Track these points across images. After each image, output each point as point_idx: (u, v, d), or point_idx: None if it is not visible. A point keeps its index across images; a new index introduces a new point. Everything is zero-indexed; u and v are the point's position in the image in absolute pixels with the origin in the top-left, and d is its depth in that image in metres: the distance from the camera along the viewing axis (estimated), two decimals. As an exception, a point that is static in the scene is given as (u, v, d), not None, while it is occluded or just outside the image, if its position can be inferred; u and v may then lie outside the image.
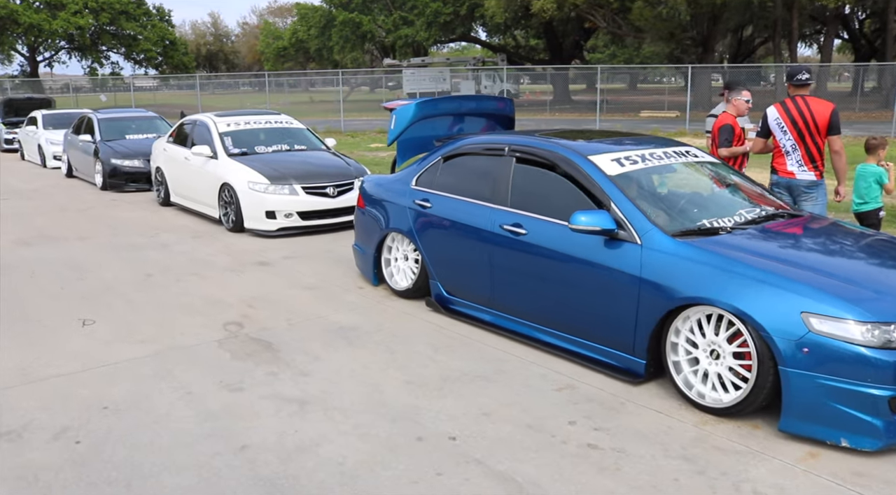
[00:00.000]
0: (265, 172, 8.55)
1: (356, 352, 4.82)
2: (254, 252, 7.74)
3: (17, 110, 21.43)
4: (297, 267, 7.08)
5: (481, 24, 44.90)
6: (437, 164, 5.72)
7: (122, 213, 10.40)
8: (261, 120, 10.03)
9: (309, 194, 8.46)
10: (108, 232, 9.03)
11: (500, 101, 6.67)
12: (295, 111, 33.04)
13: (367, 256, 6.29)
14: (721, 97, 7.71)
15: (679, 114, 35.64)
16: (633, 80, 74.37)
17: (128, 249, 7.99)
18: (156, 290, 6.34)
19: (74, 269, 7.12)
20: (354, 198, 8.69)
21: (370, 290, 6.24)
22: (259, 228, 8.47)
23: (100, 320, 5.55)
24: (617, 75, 64.77)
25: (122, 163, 12.58)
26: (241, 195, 8.49)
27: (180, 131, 10.52)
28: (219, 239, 8.46)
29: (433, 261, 5.58)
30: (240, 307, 5.81)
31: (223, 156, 9.13)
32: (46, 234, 8.94)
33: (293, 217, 8.40)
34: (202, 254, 7.69)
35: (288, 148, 9.66)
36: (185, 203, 10.24)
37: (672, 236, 4.18)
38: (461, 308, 5.42)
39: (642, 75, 70.27)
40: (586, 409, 3.97)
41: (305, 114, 37.57)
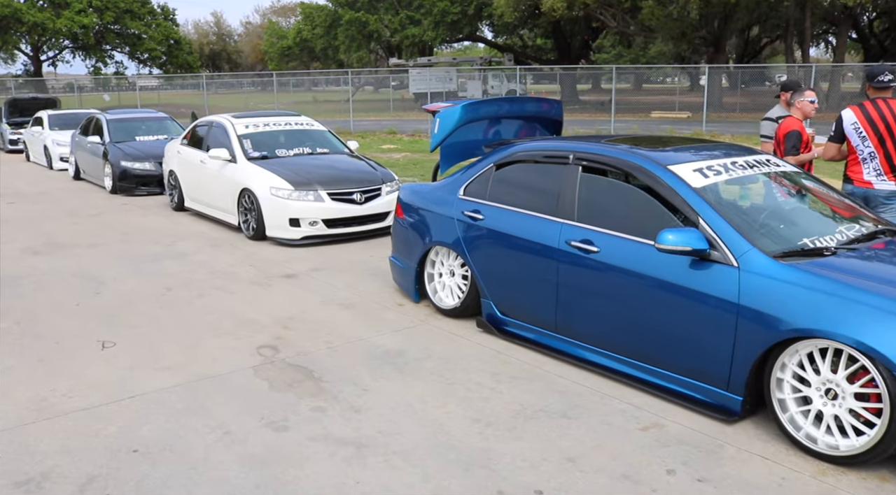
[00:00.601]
0: (288, 177, 8.07)
1: (409, 381, 4.34)
2: (279, 263, 7.26)
3: (21, 110, 20.97)
4: (328, 280, 6.60)
5: (489, 23, 44.38)
6: (488, 173, 5.24)
7: (134, 219, 9.93)
8: (280, 121, 9.55)
9: (335, 201, 7.98)
10: (121, 239, 8.55)
11: (548, 103, 6.19)
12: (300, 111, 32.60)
13: (408, 271, 5.81)
14: (777, 99, 7.23)
15: (690, 114, 35.17)
16: (639, 80, 73.91)
17: (143, 259, 7.52)
18: (178, 307, 5.86)
19: (88, 281, 6.65)
20: (382, 204, 8.24)
21: (411, 308, 5.76)
22: (282, 237, 8.00)
23: (120, 342, 5.07)
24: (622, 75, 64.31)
25: (133, 166, 12.11)
26: (262, 201, 8.01)
27: (195, 133, 10.05)
28: (239, 247, 7.98)
29: (485, 279, 5.10)
30: (272, 327, 5.33)
31: (242, 159, 8.66)
32: (56, 242, 8.47)
33: (318, 225, 7.92)
34: (223, 265, 7.21)
35: (310, 151, 9.18)
36: (200, 208, 9.76)
37: (774, 258, 3.70)
38: (518, 330, 4.95)
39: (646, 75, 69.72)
40: (681, 454, 3.50)
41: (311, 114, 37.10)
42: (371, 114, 35.75)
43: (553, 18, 37.61)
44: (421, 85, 46.95)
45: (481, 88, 46.63)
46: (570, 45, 48.86)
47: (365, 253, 7.63)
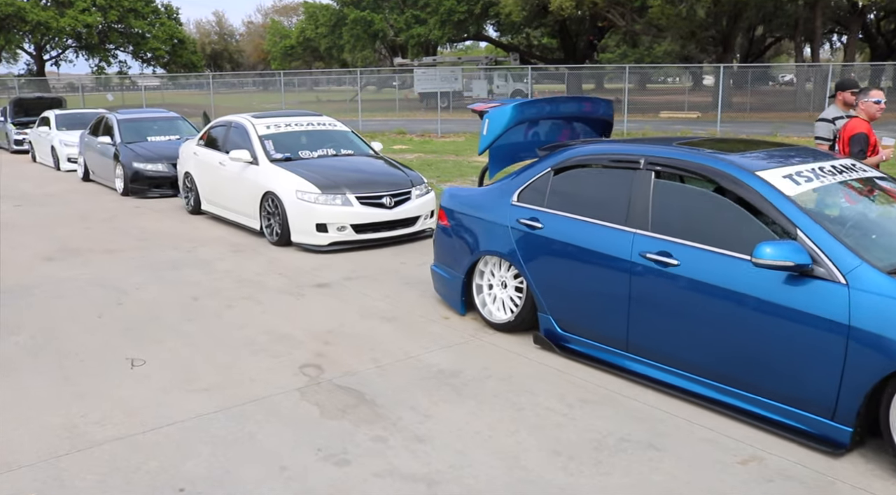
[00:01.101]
0: (315, 180, 7.71)
1: (471, 406, 3.98)
2: (308, 271, 6.89)
3: (27, 110, 20.60)
4: (363, 290, 6.23)
5: (495, 22, 44.01)
6: (545, 178, 4.87)
7: (149, 223, 9.56)
8: (302, 122, 9.18)
9: (364, 205, 7.62)
10: (138, 245, 8.19)
11: (599, 103, 5.83)
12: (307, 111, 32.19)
13: (454, 281, 5.45)
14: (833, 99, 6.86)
15: (700, 114, 34.83)
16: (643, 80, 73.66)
17: (164, 266, 7.15)
18: (207, 320, 5.50)
19: (108, 291, 6.29)
20: (411, 209, 7.89)
21: (457, 321, 5.40)
22: (308, 243, 7.63)
23: (149, 359, 4.71)
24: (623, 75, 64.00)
25: (145, 168, 11.74)
26: (287, 205, 7.65)
27: (212, 134, 9.68)
28: (263, 254, 7.61)
29: (543, 292, 4.73)
30: (311, 343, 4.96)
31: (265, 161, 8.29)
32: (70, 247, 8.11)
33: (347, 230, 7.56)
34: (249, 273, 6.84)
35: (334, 152, 8.81)
36: (218, 212, 9.40)
37: (888, 274, 3.34)
38: (582, 348, 4.58)
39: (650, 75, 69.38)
40: (789, 491, 3.14)
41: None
42: (377, 113, 35.39)
43: (561, 17, 37.25)
44: (426, 84, 46.53)
45: (487, 88, 46.32)
46: (575, 45, 48.53)
47: (396, 260, 7.27)
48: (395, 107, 40.83)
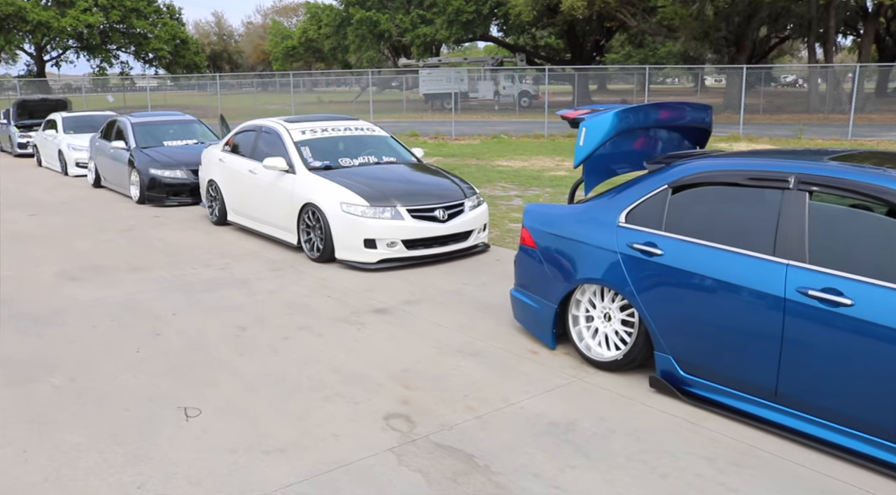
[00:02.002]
0: (361, 191, 7.05)
1: (604, 471, 3.33)
2: (360, 293, 6.24)
3: (30, 112, 19.92)
4: (430, 316, 5.58)
5: (502, 23, 43.37)
6: (660, 196, 4.23)
7: (172, 235, 8.90)
8: (339, 126, 8.52)
9: (415, 218, 6.97)
10: (166, 260, 7.53)
11: (702, 110, 5.18)
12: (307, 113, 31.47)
13: (543, 312, 4.80)
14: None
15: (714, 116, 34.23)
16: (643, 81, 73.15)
17: (199, 287, 6.50)
18: (262, 355, 4.84)
19: (143, 318, 5.63)
20: (465, 222, 7.24)
21: (548, 356, 4.75)
22: (354, 260, 6.98)
23: (206, 407, 4.05)
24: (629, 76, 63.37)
25: (163, 174, 11.08)
26: (331, 219, 6.99)
27: (240, 139, 9.02)
28: (306, 272, 6.96)
29: (662, 328, 4.09)
30: (391, 385, 4.31)
31: (303, 170, 7.63)
32: (93, 263, 7.45)
33: (397, 246, 6.91)
34: (296, 296, 6.19)
35: (376, 160, 8.15)
36: (246, 223, 8.74)
37: None
38: (712, 394, 3.93)
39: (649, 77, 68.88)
40: None
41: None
42: (384, 115, 34.70)
43: (572, 17, 36.64)
44: (431, 85, 45.97)
45: (493, 89, 45.70)
46: (582, 46, 47.97)
47: (455, 280, 6.62)
48: (402, 108, 40.20)
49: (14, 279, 6.88)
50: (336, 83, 65.73)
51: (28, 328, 5.41)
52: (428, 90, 45.51)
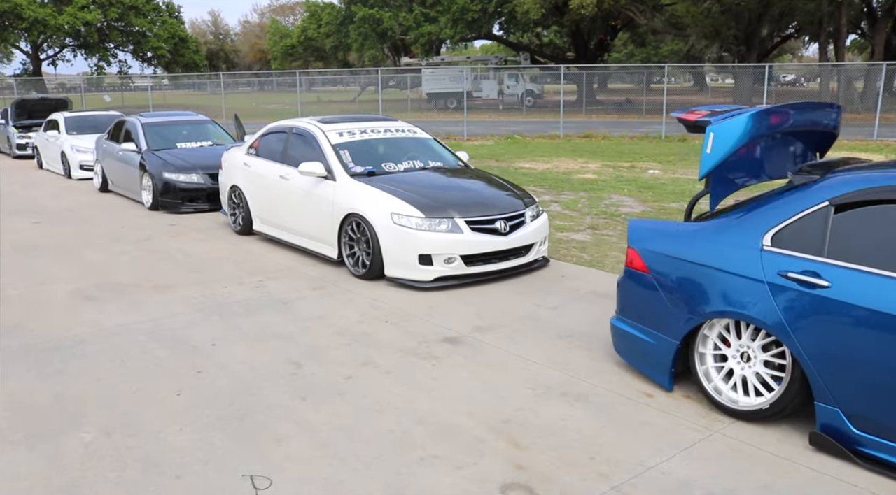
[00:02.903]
0: (414, 201, 6.31)
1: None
2: (422, 318, 5.50)
3: (30, 112, 19.11)
4: (510, 347, 4.85)
5: (508, 21, 42.63)
6: (819, 215, 3.50)
7: (193, 246, 8.14)
8: (378, 127, 7.78)
9: (475, 231, 6.23)
10: (191, 277, 6.78)
11: (833, 110, 4.47)
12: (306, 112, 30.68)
13: (660, 347, 4.07)
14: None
15: (725, 116, 33.58)
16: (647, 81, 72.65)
17: (234, 309, 5.75)
18: (327, 399, 4.10)
19: (179, 350, 4.88)
20: (527, 235, 6.51)
21: (666, 400, 4.02)
22: (407, 277, 6.23)
23: (276, 475, 3.31)
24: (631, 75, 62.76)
25: (178, 178, 10.31)
26: (381, 232, 6.25)
27: (267, 142, 8.27)
28: (353, 292, 6.21)
29: (827, 374, 3.36)
30: (497, 443, 3.57)
31: (343, 176, 6.89)
32: (110, 280, 6.69)
33: (456, 262, 6.17)
34: (348, 321, 5.44)
35: (421, 165, 7.40)
36: (275, 233, 7.98)
37: None
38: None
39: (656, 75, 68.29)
40: None
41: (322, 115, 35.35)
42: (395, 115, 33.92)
43: (581, 16, 35.94)
44: (434, 85, 45.24)
45: (497, 88, 44.95)
46: (587, 44, 47.31)
47: (525, 301, 5.89)
48: (406, 107, 39.42)
49: (23, 299, 6.12)
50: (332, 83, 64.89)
51: (45, 363, 4.66)
52: (431, 89, 44.77)
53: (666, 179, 13.34)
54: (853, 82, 36.94)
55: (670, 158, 17.05)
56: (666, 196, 11.22)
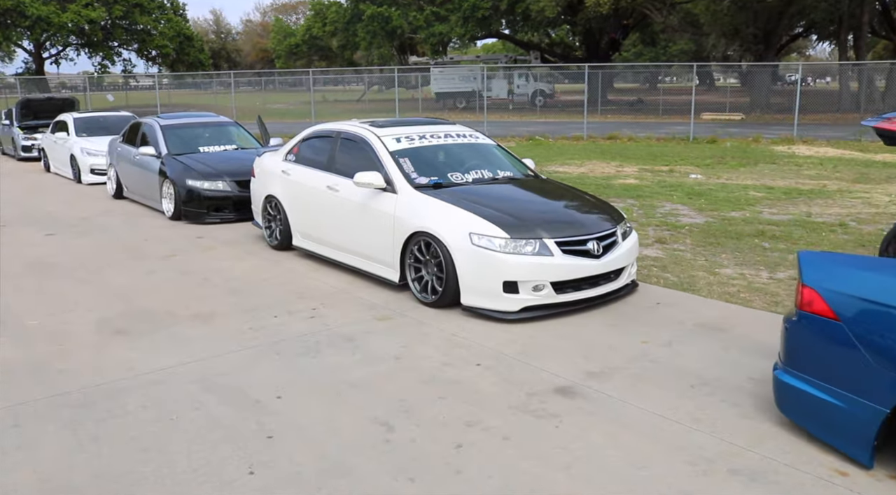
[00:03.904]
0: (495, 218, 5.46)
1: None
2: (518, 360, 4.65)
3: (35, 112, 18.27)
4: (637, 400, 4.01)
5: (520, 19, 41.75)
6: None
7: (228, 264, 7.30)
8: (437, 132, 6.93)
9: (566, 253, 5.39)
10: (233, 302, 5.94)
11: None
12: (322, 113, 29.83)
13: (858, 414, 3.23)
14: None
15: (744, 116, 32.77)
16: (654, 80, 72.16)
17: (293, 347, 4.91)
18: (442, 481, 3.25)
19: (238, 404, 4.04)
20: (620, 257, 5.67)
21: (864, 480, 3.19)
22: (488, 307, 5.38)
23: None
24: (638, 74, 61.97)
25: (202, 186, 9.47)
26: (457, 254, 5.40)
27: (310, 147, 7.44)
28: (425, 324, 5.36)
29: None
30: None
31: (406, 188, 6.05)
32: (140, 307, 5.86)
33: (545, 290, 5.32)
34: (431, 363, 4.60)
35: (491, 175, 6.55)
36: (320, 250, 7.14)
37: None
38: None
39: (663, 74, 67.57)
40: None
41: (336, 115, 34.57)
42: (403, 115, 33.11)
43: (596, 14, 35.11)
44: (443, 84, 44.46)
45: (507, 88, 44.08)
46: (598, 44, 46.48)
47: (628, 337, 5.05)
48: (417, 107, 38.56)
49: (45, 333, 5.29)
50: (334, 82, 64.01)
51: (78, 424, 3.82)
52: (440, 89, 43.98)
53: (713, 185, 12.52)
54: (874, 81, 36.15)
55: (707, 162, 16.23)
56: (721, 204, 10.39)
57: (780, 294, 6.06)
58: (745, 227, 8.73)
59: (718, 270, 6.85)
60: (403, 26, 42.73)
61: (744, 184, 12.64)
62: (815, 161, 16.05)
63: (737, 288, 6.25)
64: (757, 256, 7.38)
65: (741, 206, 10.26)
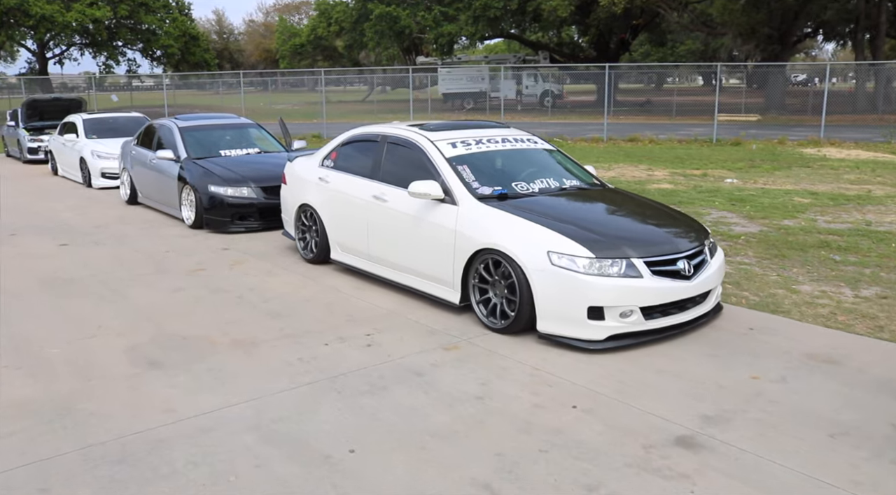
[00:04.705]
0: (577, 235, 4.83)
1: None
2: (618, 401, 4.03)
3: (41, 113, 17.67)
4: (778, 456, 3.37)
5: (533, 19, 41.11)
6: None
7: (262, 280, 6.68)
8: (494, 136, 6.29)
9: (655, 274, 4.77)
10: (275, 327, 5.32)
11: None
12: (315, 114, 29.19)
13: None
14: None
15: (760, 117, 32.14)
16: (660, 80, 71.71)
17: (354, 384, 4.29)
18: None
19: (310, 465, 3.41)
20: (710, 278, 5.06)
21: None
22: (570, 336, 4.76)
23: None
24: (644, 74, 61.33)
25: (226, 192, 8.85)
26: (534, 275, 4.78)
27: (351, 152, 6.82)
28: (500, 354, 4.74)
29: None
30: None
31: (468, 199, 5.42)
32: (173, 332, 5.24)
33: (634, 316, 4.71)
34: (522, 406, 3.98)
35: (558, 185, 5.91)
36: (364, 266, 6.51)
37: None
38: None
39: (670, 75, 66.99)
40: None
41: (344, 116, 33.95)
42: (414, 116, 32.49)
43: (610, 13, 34.50)
44: (451, 84, 43.90)
45: (515, 89, 43.45)
46: (608, 44, 45.89)
47: (731, 367, 4.42)
48: (426, 108, 37.94)
49: (68, 364, 4.67)
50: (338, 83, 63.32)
51: (120, 488, 3.20)
52: (447, 89, 43.41)
53: (753, 190, 11.92)
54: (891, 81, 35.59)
55: (738, 165, 15.64)
56: (769, 211, 9.79)
57: (880, 317, 5.45)
58: (806, 238, 8.12)
59: (796, 287, 6.25)
60: (411, 26, 42.11)
61: (784, 189, 12.04)
62: (849, 164, 15.45)
63: (827, 309, 5.64)
64: (830, 271, 6.78)
65: (791, 214, 9.65)
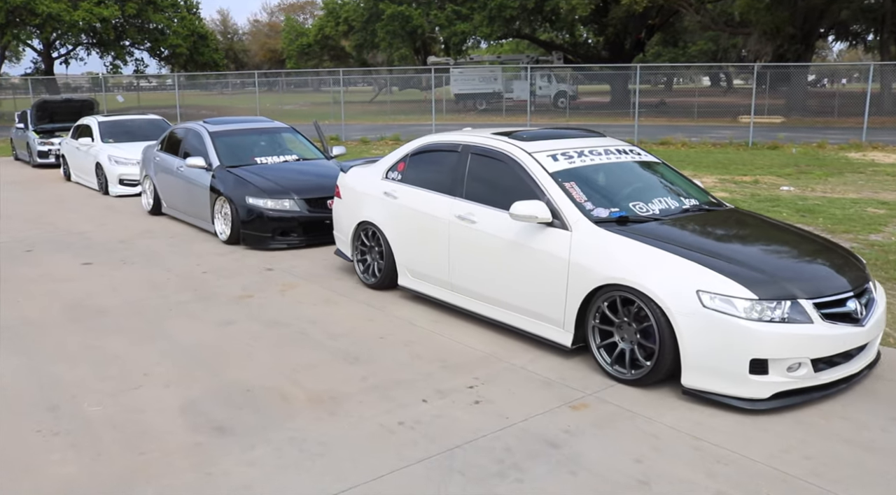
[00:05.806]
0: (731, 271, 3.97)
1: None
2: (813, 485, 3.18)
3: (51, 115, 16.83)
4: None
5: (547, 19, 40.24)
6: None
7: (320, 310, 5.83)
8: (595, 147, 5.41)
9: (825, 318, 3.92)
10: (357, 375, 4.47)
11: None
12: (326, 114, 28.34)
13: None
14: None
15: (785, 119, 31.29)
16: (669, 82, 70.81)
17: (485, 465, 3.45)
18: None
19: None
20: (881, 318, 4.20)
21: None
22: (727, 393, 3.88)
23: None
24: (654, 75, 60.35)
25: (265, 205, 8.00)
26: (681, 319, 3.91)
27: (423, 163, 5.97)
28: (643, 416, 3.88)
29: None
30: None
31: (584, 223, 4.56)
32: (234, 381, 4.39)
33: (803, 369, 3.86)
34: (697, 492, 3.14)
35: (678, 206, 5.04)
36: (443, 296, 5.63)
37: None
38: None
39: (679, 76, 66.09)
40: None
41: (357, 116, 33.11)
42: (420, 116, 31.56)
43: (630, 13, 33.67)
44: (463, 85, 43.14)
45: (528, 89, 42.64)
46: (623, 44, 45.03)
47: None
48: (441, 109, 37.09)
49: (114, 428, 3.81)
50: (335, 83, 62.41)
51: None
52: (460, 90, 42.65)
53: (816, 199, 11.08)
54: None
55: (787, 171, 14.78)
56: (848, 224, 8.92)
57: None
58: (913, 257, 7.29)
59: (937, 319, 5.40)
60: (424, 25, 41.27)
61: (849, 198, 11.20)
62: (906, 170, 14.63)
63: None
64: (964, 296, 5.94)
65: (874, 227, 8.81)
